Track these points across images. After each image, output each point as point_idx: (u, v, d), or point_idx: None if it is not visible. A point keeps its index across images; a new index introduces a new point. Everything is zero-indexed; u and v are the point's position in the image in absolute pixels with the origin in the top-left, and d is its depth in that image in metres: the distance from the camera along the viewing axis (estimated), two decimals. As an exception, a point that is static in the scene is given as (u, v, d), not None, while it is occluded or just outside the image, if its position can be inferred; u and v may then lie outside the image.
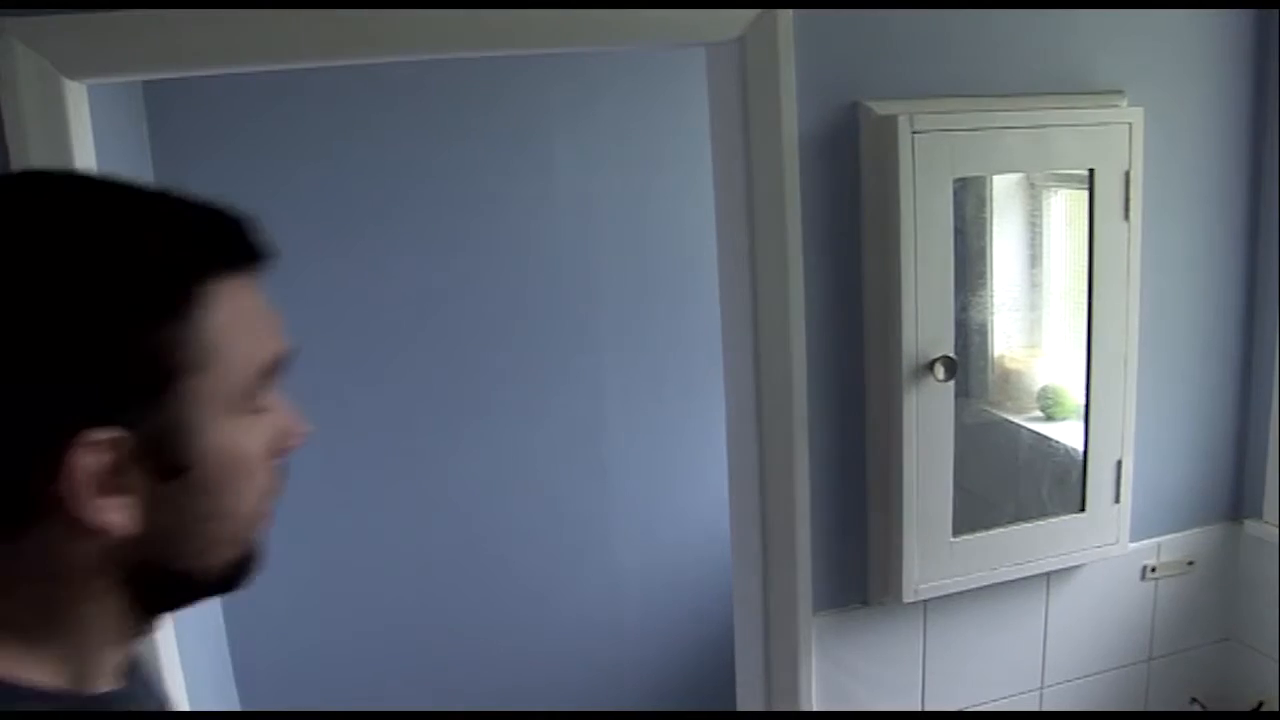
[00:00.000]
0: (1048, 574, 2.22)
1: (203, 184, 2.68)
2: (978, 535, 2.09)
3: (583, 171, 3.14)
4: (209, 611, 2.78)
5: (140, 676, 0.88)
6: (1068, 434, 2.22)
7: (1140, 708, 2.40)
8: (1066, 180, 2.19)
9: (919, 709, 2.22)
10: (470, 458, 3.18)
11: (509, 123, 3.04)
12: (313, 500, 3.02)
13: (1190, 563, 2.35)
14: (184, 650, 1.85)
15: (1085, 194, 2.08)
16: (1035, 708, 2.32)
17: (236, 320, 0.76)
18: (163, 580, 0.79)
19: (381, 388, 3.06)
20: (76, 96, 1.56)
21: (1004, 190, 2.20)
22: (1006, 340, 2.29)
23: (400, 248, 3.00)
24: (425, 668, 3.26)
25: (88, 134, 1.60)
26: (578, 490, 3.32)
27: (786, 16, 1.82)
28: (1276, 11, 2.16)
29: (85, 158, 1.58)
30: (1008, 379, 2.31)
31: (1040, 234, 2.28)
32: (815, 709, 2.10)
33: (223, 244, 0.79)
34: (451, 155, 3.01)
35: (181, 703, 1.79)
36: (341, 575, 3.11)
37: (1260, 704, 2.36)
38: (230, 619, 2.97)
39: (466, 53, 1.84)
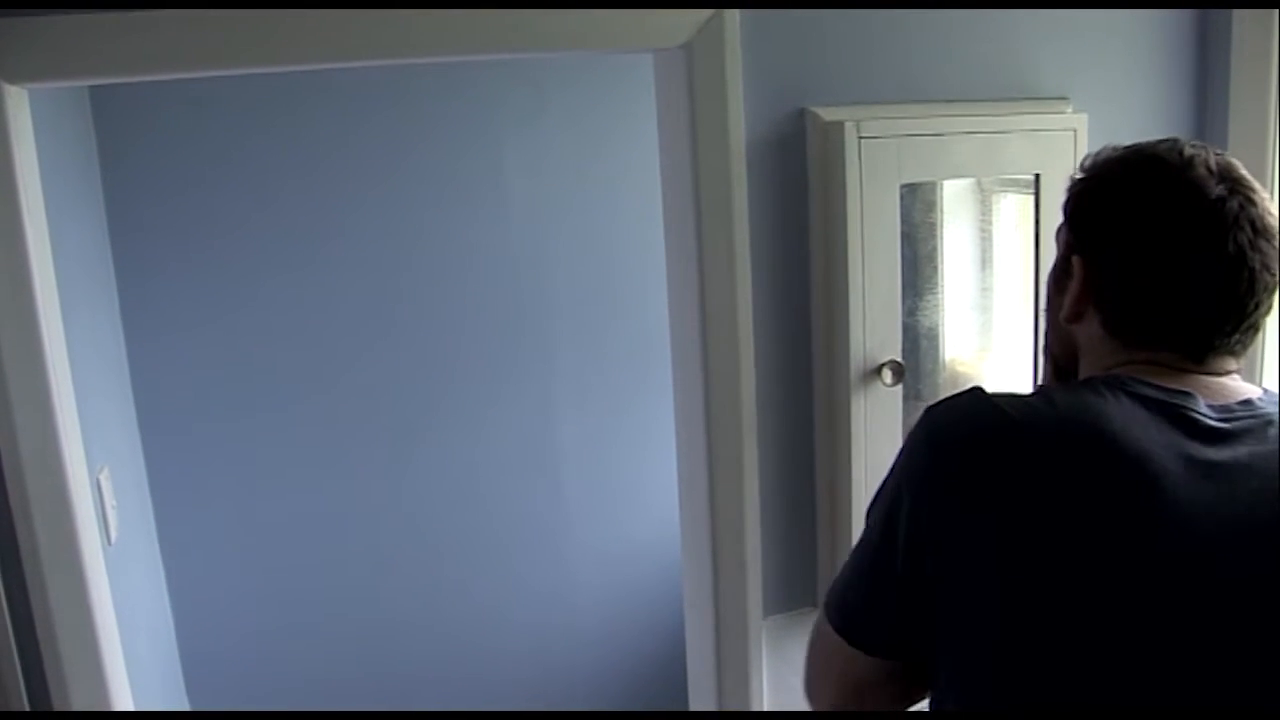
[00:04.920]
0: (997, 576, 2.23)
1: (153, 192, 2.67)
2: (927, 538, 2.10)
3: (532, 178, 3.14)
4: (157, 612, 2.76)
5: None
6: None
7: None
8: (1014, 184, 2.21)
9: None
10: (425, 465, 3.18)
11: (458, 129, 3.03)
12: (268, 507, 3.01)
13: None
14: (129, 649, 1.83)
15: (1033, 198, 2.10)
16: (986, 708, 2.33)
17: None
18: None
19: (337, 394, 3.05)
20: (17, 101, 1.54)
21: (954, 194, 2.22)
22: (957, 343, 2.31)
23: (350, 256, 2.99)
24: (379, 673, 3.24)
25: (29, 140, 1.58)
26: (531, 496, 3.32)
27: (734, 24, 1.83)
28: (1218, 20, 2.18)
29: (27, 164, 1.57)
30: (957, 382, 2.32)
31: (990, 237, 2.30)
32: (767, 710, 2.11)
33: None
34: (401, 163, 3.00)
35: (128, 703, 1.78)
36: (295, 581, 3.09)
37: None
38: (180, 622, 2.95)
39: (412, 59, 1.83)
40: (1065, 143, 2.06)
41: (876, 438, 2.01)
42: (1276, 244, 1.13)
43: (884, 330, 1.99)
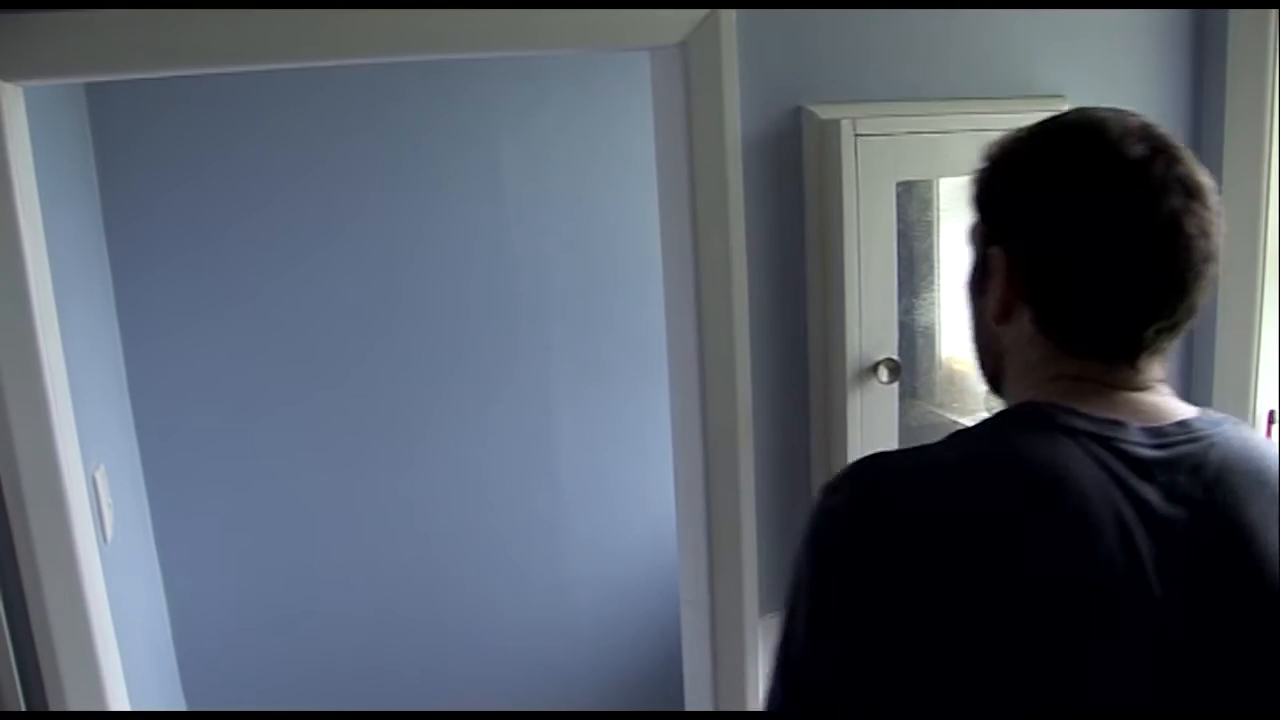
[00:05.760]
0: (993, 574, 2.23)
1: (149, 191, 2.66)
2: (923, 536, 2.10)
3: (530, 175, 3.14)
4: (153, 610, 2.76)
5: None
6: (1013, 435, 2.23)
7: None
8: (1011, 183, 2.21)
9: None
10: (422, 463, 3.18)
11: (455, 127, 3.03)
12: (264, 504, 3.01)
13: (1134, 561, 2.37)
14: (125, 647, 1.83)
15: (1029, 197, 2.10)
16: (982, 706, 2.33)
17: None
18: None
19: (334, 391, 3.05)
20: (12, 99, 1.54)
21: (950, 192, 2.22)
22: (954, 342, 2.31)
23: (347, 252, 2.99)
24: (376, 670, 3.25)
25: (24, 137, 1.58)
26: (528, 494, 3.32)
27: (730, 22, 1.83)
28: (1215, 19, 2.19)
29: (22, 162, 1.56)
30: (954, 380, 2.32)
31: (987, 236, 2.30)
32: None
33: None
34: (398, 159, 3.00)
35: (124, 701, 1.78)
36: (291, 579, 3.09)
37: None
38: (176, 620, 2.95)
39: (410, 56, 1.84)
40: (1061, 141, 2.06)
41: (872, 436, 2.01)
42: (1210, 206, 1.02)
43: (880, 328, 1.99)
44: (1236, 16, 2.15)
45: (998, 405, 2.27)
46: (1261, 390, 2.25)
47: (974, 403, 2.32)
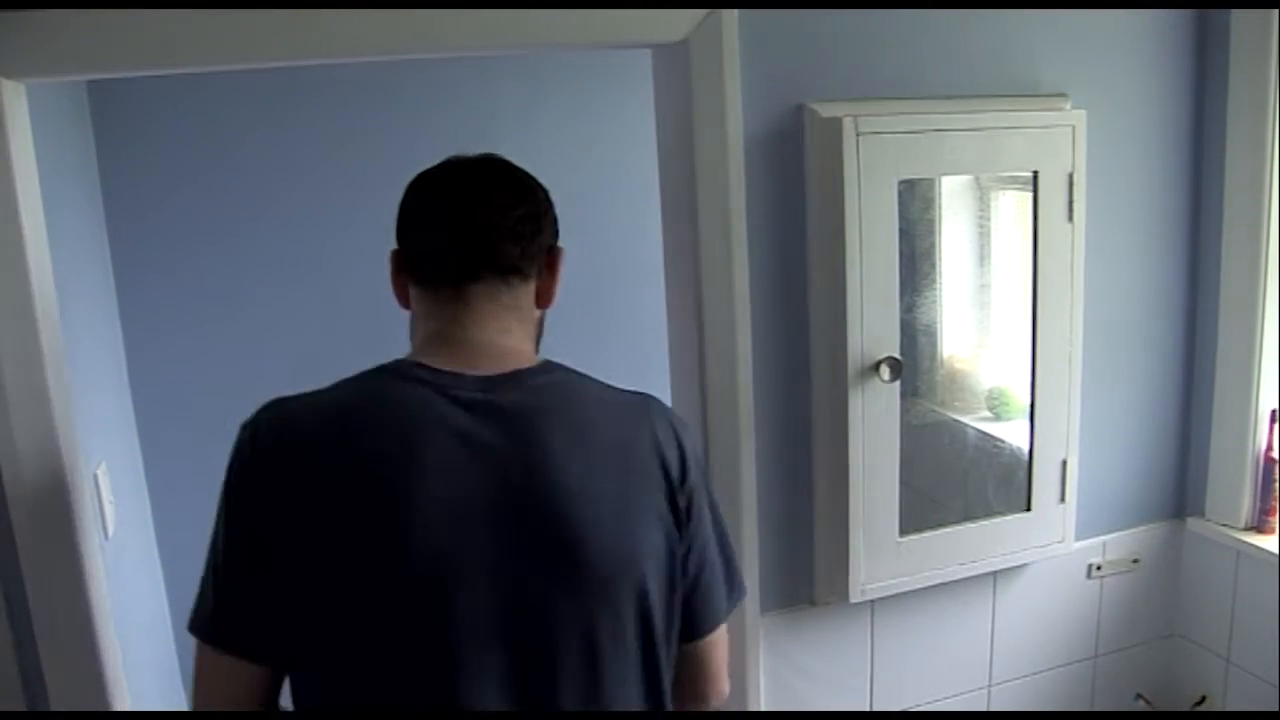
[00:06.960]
0: (994, 573, 2.24)
1: (151, 188, 2.64)
2: (924, 535, 2.11)
3: (530, 171, 3.14)
4: (154, 607, 2.76)
5: None
6: (1015, 434, 2.24)
7: (1086, 704, 2.42)
8: (1013, 181, 2.21)
9: (868, 708, 2.24)
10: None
11: (455, 123, 3.03)
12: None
13: (1135, 561, 2.38)
14: (126, 643, 1.83)
15: (1031, 195, 2.10)
16: (983, 706, 2.33)
17: None
18: None
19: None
20: (14, 96, 1.54)
21: (951, 191, 2.22)
22: (955, 340, 2.31)
23: (347, 251, 2.97)
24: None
25: (26, 134, 1.58)
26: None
27: (732, 19, 1.83)
28: (1217, 19, 2.19)
29: (24, 160, 1.56)
30: (955, 379, 2.32)
31: (988, 235, 2.30)
32: (764, 709, 2.11)
33: None
34: (399, 158, 2.96)
35: (124, 698, 1.78)
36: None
37: (1203, 698, 2.39)
38: (177, 616, 2.94)
39: (412, 54, 1.83)
40: (1064, 139, 2.06)
41: (874, 434, 2.01)
42: (504, 188, 1.56)
43: (882, 326, 1.99)
44: (1238, 16, 2.16)
45: (997, 404, 2.29)
46: (1263, 389, 2.25)
47: (975, 401, 2.33)
